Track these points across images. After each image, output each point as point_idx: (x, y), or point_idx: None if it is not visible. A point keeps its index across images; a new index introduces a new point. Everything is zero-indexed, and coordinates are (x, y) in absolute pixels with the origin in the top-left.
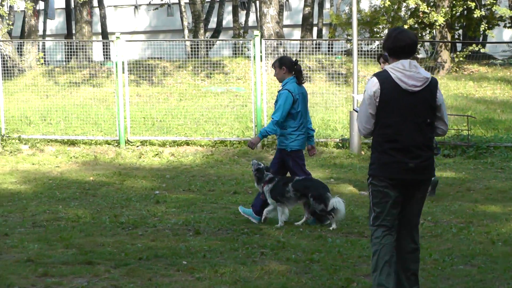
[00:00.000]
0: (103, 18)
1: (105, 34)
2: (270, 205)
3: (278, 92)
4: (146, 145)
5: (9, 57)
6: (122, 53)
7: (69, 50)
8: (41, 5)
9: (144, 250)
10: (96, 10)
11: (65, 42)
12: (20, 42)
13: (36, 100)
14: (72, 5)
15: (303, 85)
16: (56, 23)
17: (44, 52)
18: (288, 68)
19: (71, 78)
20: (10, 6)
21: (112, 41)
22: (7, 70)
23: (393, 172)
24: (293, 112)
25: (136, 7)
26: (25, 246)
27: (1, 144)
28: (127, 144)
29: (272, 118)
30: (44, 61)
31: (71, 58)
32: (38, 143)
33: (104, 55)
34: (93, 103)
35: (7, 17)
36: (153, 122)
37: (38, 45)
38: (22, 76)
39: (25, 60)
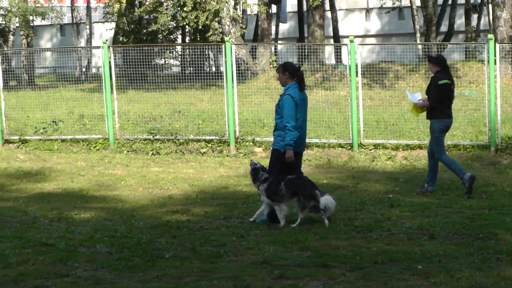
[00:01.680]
0: (334, 22)
1: (336, 37)
2: (262, 206)
3: (280, 96)
4: (379, 149)
5: (243, 60)
6: (355, 56)
7: (301, 54)
8: (273, 9)
9: (379, 254)
10: (328, 14)
11: (297, 46)
12: (253, 46)
13: (269, 103)
14: (304, 9)
15: (304, 91)
16: (288, 26)
17: (276, 55)
18: (290, 73)
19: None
20: (243, 10)
21: (345, 44)
22: (241, 73)
23: None
24: None
25: (368, 10)
26: (261, 248)
27: (235, 146)
28: (360, 148)
29: (286, 126)
30: (277, 64)
31: (303, 61)
32: (271, 146)
33: (336, 58)
34: (326, 106)
35: (240, 21)
36: (385, 126)
37: (271, 48)
38: (256, 79)
39: (258, 63)
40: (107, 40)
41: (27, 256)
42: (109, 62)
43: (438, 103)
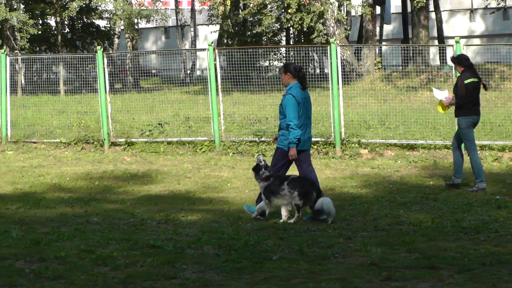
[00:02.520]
0: (439, 23)
1: (441, 38)
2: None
3: (282, 96)
4: (485, 150)
5: (348, 62)
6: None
7: (406, 55)
8: (377, 10)
9: (487, 256)
10: (432, 15)
11: (401, 47)
12: (358, 47)
13: (374, 105)
14: (409, 10)
15: (306, 90)
16: (392, 27)
17: (380, 56)
18: (292, 74)
19: (408, 83)
20: (347, 11)
21: (451, 45)
22: (346, 74)
23: None
24: None
25: (472, 11)
26: (368, 250)
27: (341, 148)
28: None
29: (290, 125)
30: (381, 65)
31: (408, 62)
32: (377, 147)
33: (440, 59)
34: (431, 107)
35: (345, 22)
36: (491, 127)
37: (375, 50)
38: (360, 80)
39: (362, 64)
40: (212, 42)
41: (135, 258)
42: (214, 64)
43: (465, 102)
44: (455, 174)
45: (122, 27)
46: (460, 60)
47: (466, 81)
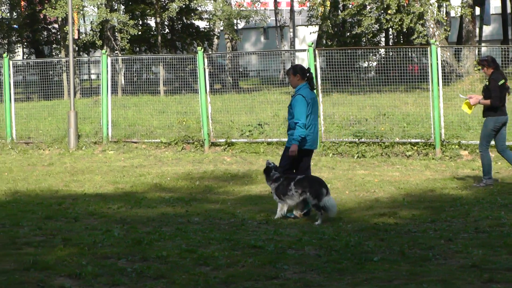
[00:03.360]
0: None
1: None
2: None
3: (292, 96)
4: None
5: (447, 63)
6: None
7: (506, 56)
8: (476, 11)
9: None
10: None
11: (501, 48)
12: (458, 48)
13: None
14: (509, 11)
15: (314, 91)
16: (491, 28)
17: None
18: (301, 75)
19: (509, 84)
20: (447, 12)
21: None
22: (445, 75)
23: None
24: None
25: None
26: (469, 252)
27: (441, 149)
28: None
29: (297, 123)
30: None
31: (508, 64)
32: (477, 149)
33: None
34: None
35: (445, 23)
36: None
37: (475, 51)
38: (460, 81)
39: (462, 65)
40: (312, 43)
41: (237, 258)
42: (314, 65)
43: (499, 103)
44: None
45: (222, 28)
46: (490, 61)
47: (500, 83)
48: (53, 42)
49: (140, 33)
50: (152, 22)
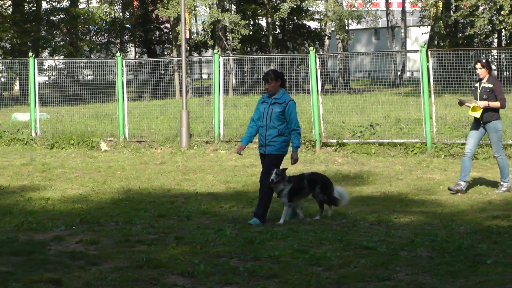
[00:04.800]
0: None
1: None
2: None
3: (278, 103)
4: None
5: None
6: None
7: None
8: None
9: None
10: None
11: None
12: None
13: None
14: None
15: None
16: None
17: None
18: (282, 81)
19: None
20: None
21: None
22: None
23: None
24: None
25: None
26: None
27: None
28: None
29: (296, 130)
30: None
31: None
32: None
33: None
34: None
35: None
36: None
37: None
38: None
39: None
40: (424, 43)
41: (348, 259)
42: (427, 66)
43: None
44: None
45: (333, 28)
46: (489, 63)
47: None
48: (165, 41)
49: (251, 33)
50: (263, 22)
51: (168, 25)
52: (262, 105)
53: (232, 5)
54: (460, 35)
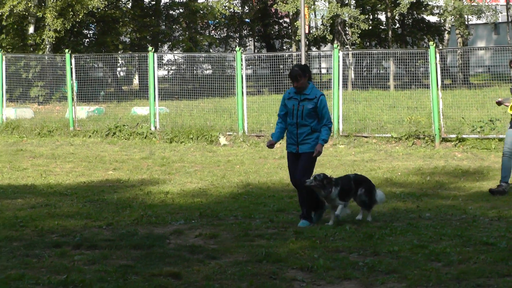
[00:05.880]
0: None
1: None
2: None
3: (308, 99)
4: None
5: None
6: None
7: None
8: None
9: None
10: None
11: None
12: None
13: None
14: None
15: None
16: None
17: None
18: (309, 74)
19: None
20: None
21: None
22: None
23: None
24: None
25: None
26: None
27: None
28: None
29: (327, 125)
30: None
31: None
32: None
33: None
34: None
35: None
36: None
37: None
38: None
39: None
40: None
41: (468, 255)
42: None
43: None
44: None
45: (453, 23)
46: None
47: None
48: (284, 36)
49: (370, 27)
50: (382, 17)
51: (287, 20)
52: (290, 101)
53: None
54: None
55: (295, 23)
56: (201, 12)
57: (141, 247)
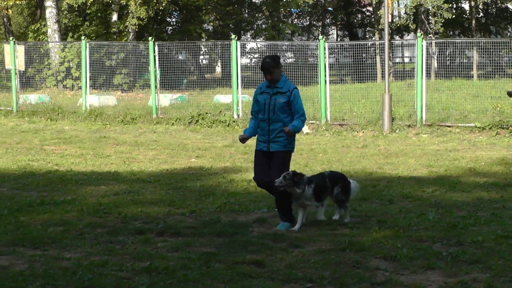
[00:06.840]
0: None
1: None
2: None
3: (281, 93)
4: None
5: None
6: None
7: None
8: None
9: None
10: None
11: None
12: None
13: None
14: None
15: None
16: None
17: None
18: (280, 66)
19: None
20: None
21: None
22: None
23: None
24: None
25: None
26: None
27: None
28: None
29: (301, 118)
30: None
31: None
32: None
33: None
34: None
35: None
36: None
37: None
38: None
39: None
40: None
41: None
42: None
43: None
44: None
45: None
46: None
47: None
48: (367, 25)
49: (454, 16)
50: (466, 6)
51: (370, 8)
52: (262, 95)
53: None
54: None
55: (378, 12)
56: (284, 0)
57: (224, 234)
